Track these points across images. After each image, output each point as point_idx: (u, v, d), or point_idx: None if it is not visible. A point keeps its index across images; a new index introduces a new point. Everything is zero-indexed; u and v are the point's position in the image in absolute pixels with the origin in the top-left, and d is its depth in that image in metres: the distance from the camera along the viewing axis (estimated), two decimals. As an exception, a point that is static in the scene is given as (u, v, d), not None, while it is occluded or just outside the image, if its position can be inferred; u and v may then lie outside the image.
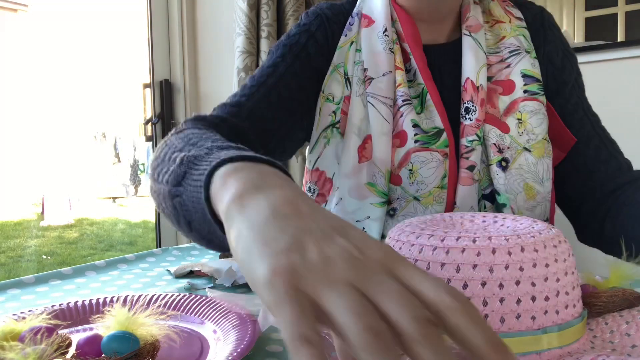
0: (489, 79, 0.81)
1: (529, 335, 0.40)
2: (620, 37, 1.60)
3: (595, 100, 0.97)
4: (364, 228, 0.78)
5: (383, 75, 0.79)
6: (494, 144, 0.78)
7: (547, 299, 0.41)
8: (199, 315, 0.54)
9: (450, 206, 0.80)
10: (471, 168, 0.78)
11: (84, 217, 6.65)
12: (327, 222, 0.32)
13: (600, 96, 1.54)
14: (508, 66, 0.81)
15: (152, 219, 2.05)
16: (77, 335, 0.47)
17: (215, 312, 0.54)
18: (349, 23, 0.84)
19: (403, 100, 0.78)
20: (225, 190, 0.37)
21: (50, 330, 0.41)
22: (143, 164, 8.15)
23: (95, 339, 0.41)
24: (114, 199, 7.89)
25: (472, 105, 0.78)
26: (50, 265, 4.73)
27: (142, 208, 7.23)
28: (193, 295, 0.58)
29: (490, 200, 0.80)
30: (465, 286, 0.41)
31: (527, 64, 0.81)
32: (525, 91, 0.80)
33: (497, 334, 0.27)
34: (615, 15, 1.67)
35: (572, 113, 0.84)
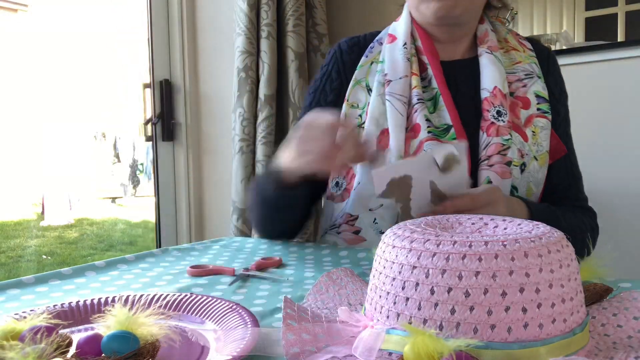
0: (511, 94, 0.94)
1: (536, 345, 0.39)
2: (620, 37, 1.60)
3: (595, 100, 0.99)
4: (374, 220, 0.88)
5: (400, 78, 0.93)
6: (519, 149, 0.90)
7: (553, 305, 0.40)
8: (199, 315, 0.54)
9: None
10: (509, 164, 0.88)
11: (84, 217, 6.64)
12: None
13: (600, 96, 1.54)
14: (524, 86, 0.94)
15: (152, 219, 2.05)
16: (78, 335, 0.47)
17: (215, 312, 0.54)
18: (370, 47, 1.00)
19: (417, 99, 0.91)
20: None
21: (50, 330, 0.41)
22: (142, 164, 8.15)
23: (95, 339, 0.41)
24: (114, 199, 7.89)
25: (504, 109, 0.91)
26: (50, 265, 4.73)
27: (142, 208, 7.22)
28: (193, 295, 0.58)
29: None
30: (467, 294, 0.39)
31: (539, 87, 0.95)
32: (538, 109, 0.94)
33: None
34: (615, 15, 1.67)
35: (557, 144, 0.97)
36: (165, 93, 1.95)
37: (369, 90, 0.95)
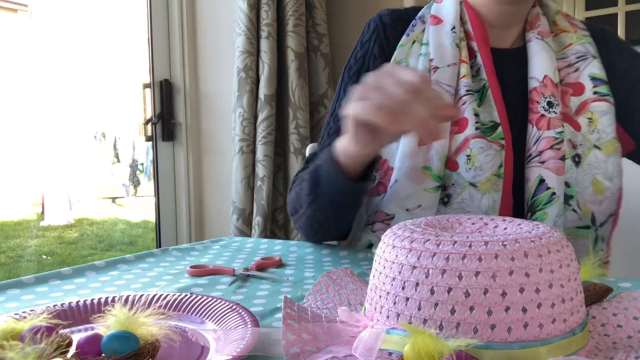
0: (560, 81, 0.85)
1: (535, 345, 0.39)
2: (621, 37, 1.60)
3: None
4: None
5: (448, 66, 0.84)
6: (569, 140, 0.82)
7: (553, 305, 0.40)
8: (199, 315, 0.54)
9: (506, 197, 0.83)
10: (563, 158, 0.81)
11: (84, 217, 6.65)
12: None
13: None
14: (576, 70, 0.86)
15: (152, 219, 2.06)
16: (78, 335, 0.46)
17: (215, 312, 0.54)
18: (412, 25, 0.90)
19: (466, 91, 0.83)
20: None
21: (50, 330, 0.41)
22: (142, 164, 8.15)
23: (95, 339, 0.41)
24: (114, 199, 7.89)
25: (555, 100, 0.83)
26: (50, 265, 4.73)
27: (142, 208, 7.23)
28: (193, 295, 0.58)
29: None
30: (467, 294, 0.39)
31: (595, 68, 0.86)
32: (595, 92, 0.84)
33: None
34: (615, 15, 1.68)
35: (637, 102, 0.86)
36: (165, 93, 1.95)
37: None
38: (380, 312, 0.43)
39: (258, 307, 0.59)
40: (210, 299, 0.56)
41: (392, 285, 0.42)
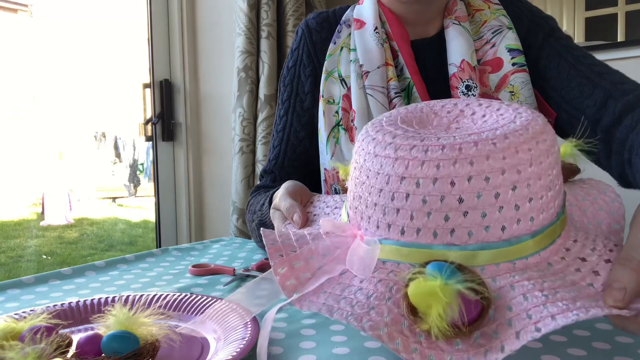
0: (477, 61, 0.86)
1: (500, 246, 0.38)
2: (620, 37, 1.60)
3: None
4: None
5: (378, 68, 0.86)
6: None
7: (542, 197, 0.39)
8: (199, 315, 0.54)
9: None
10: None
11: (84, 217, 6.65)
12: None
13: (600, 96, 1.54)
14: (493, 45, 0.86)
15: (152, 219, 2.05)
16: (78, 335, 0.47)
17: (215, 312, 0.54)
18: (337, 31, 0.92)
19: (395, 93, 0.85)
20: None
21: (50, 330, 0.41)
22: (142, 164, 8.15)
23: (95, 339, 0.41)
24: (114, 199, 7.89)
25: (473, 83, 0.83)
26: (50, 265, 4.73)
27: (142, 208, 7.23)
28: (193, 295, 0.58)
29: None
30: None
31: (511, 39, 0.86)
32: (513, 64, 0.85)
33: None
34: (615, 15, 1.67)
35: (547, 66, 0.86)
36: (165, 93, 1.95)
37: (342, 81, 0.88)
38: (369, 222, 0.42)
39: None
40: (210, 299, 0.56)
41: (379, 196, 0.41)
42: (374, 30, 0.87)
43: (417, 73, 0.86)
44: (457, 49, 0.84)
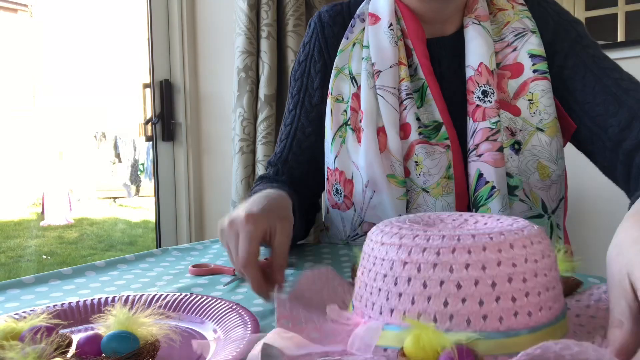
0: (497, 65, 0.82)
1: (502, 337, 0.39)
2: (620, 37, 1.60)
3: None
4: None
5: (390, 67, 0.82)
6: (507, 127, 0.80)
7: (539, 294, 0.41)
8: (199, 315, 0.54)
9: (462, 196, 0.81)
10: (500, 149, 0.79)
11: (84, 217, 6.65)
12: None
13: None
14: (514, 49, 0.82)
15: (152, 219, 2.05)
16: (78, 335, 0.47)
17: (215, 312, 0.54)
18: (351, 25, 0.88)
19: (406, 94, 0.82)
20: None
21: (50, 330, 0.41)
22: (143, 164, 8.14)
23: (95, 339, 0.41)
24: (114, 199, 7.89)
25: (490, 88, 0.80)
26: (50, 265, 4.73)
27: (142, 208, 7.23)
28: (193, 295, 0.58)
29: None
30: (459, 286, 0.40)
31: (534, 44, 0.81)
32: (534, 71, 0.81)
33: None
34: (615, 15, 1.67)
35: (572, 77, 0.82)
36: (165, 93, 1.95)
37: (352, 78, 0.85)
38: (372, 309, 0.44)
39: (258, 307, 0.59)
40: (210, 299, 0.56)
41: (383, 281, 0.43)
42: (389, 26, 0.84)
43: (432, 74, 0.83)
44: (476, 51, 0.81)
